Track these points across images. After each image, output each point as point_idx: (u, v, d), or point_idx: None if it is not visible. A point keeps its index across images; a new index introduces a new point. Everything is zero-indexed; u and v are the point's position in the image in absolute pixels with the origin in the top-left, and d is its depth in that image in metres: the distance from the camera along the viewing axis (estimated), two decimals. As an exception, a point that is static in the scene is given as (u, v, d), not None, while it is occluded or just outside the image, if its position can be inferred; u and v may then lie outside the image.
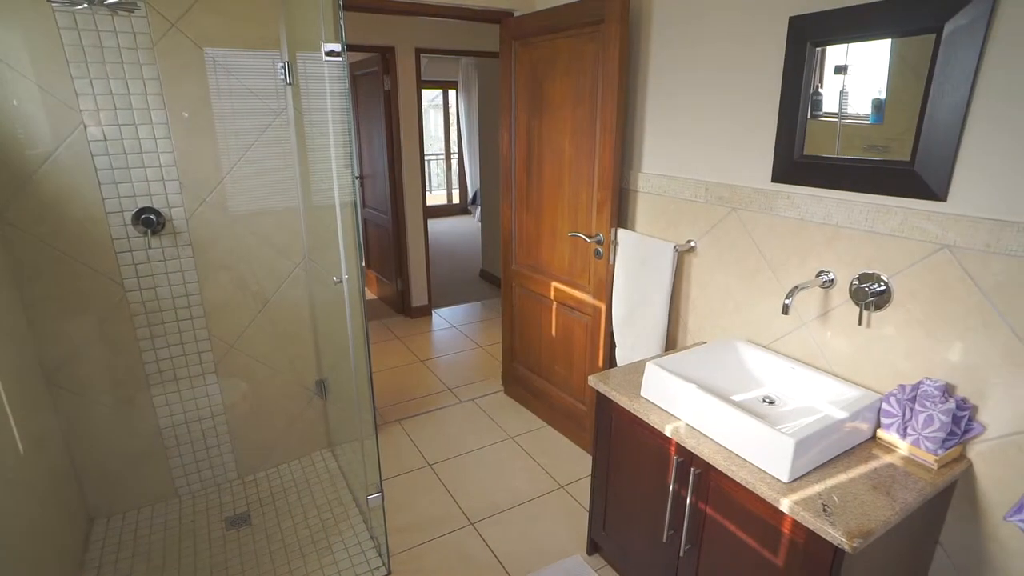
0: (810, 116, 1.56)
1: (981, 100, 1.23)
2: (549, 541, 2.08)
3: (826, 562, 1.17)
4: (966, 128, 1.26)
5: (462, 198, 9.16)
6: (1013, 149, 1.19)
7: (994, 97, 1.21)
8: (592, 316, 2.40)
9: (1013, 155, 1.19)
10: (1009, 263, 1.22)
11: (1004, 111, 1.19)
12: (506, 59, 2.62)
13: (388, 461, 2.57)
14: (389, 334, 4.11)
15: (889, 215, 1.42)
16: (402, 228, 4.21)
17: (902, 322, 1.44)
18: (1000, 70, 1.19)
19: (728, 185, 1.83)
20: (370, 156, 4.43)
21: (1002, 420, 1.29)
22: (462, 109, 8.12)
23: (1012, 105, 1.18)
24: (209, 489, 2.32)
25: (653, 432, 1.58)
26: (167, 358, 2.12)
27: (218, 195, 2.08)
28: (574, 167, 2.35)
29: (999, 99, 1.20)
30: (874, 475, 1.30)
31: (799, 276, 1.67)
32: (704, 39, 1.84)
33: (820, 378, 1.57)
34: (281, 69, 2.06)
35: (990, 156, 1.23)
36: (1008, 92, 1.18)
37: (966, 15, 1.21)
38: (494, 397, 3.16)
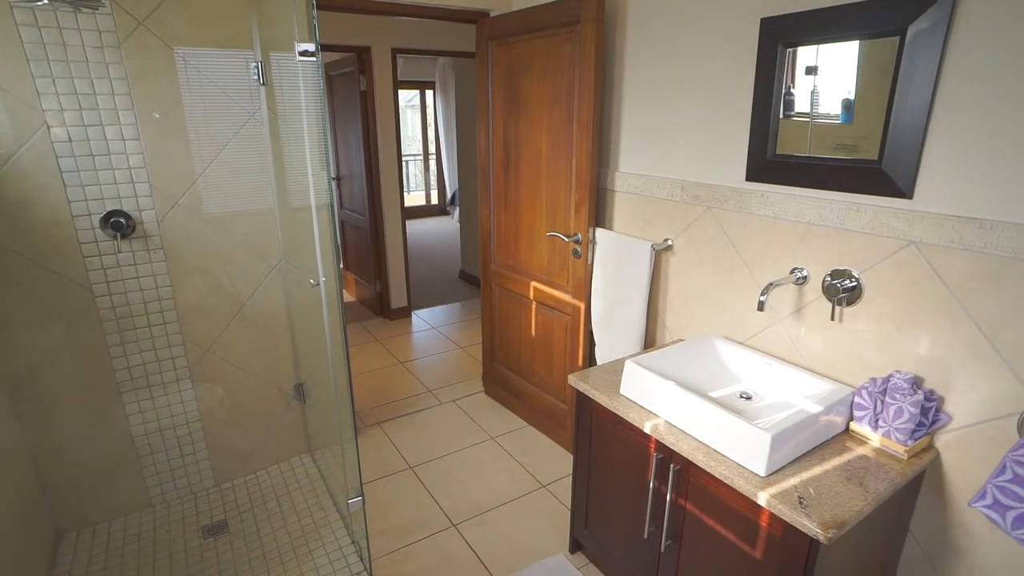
0: (783, 116, 1.59)
1: (943, 101, 1.26)
2: (532, 541, 2.09)
3: (802, 553, 1.19)
4: (930, 128, 1.29)
5: (440, 199, 9.13)
6: (973, 148, 1.23)
7: (955, 98, 1.24)
8: (571, 315, 2.41)
9: (973, 154, 1.23)
10: (972, 259, 1.26)
11: (964, 112, 1.23)
12: (483, 59, 2.62)
13: (369, 464, 2.55)
14: (368, 336, 4.07)
15: (859, 213, 1.45)
16: (380, 229, 4.17)
17: (873, 317, 1.48)
18: (960, 72, 1.23)
19: (704, 184, 1.86)
20: (347, 157, 4.38)
21: (966, 410, 1.33)
22: (440, 109, 8.10)
23: (971, 106, 1.22)
24: (185, 498, 2.27)
25: (633, 430, 1.60)
26: (139, 364, 2.07)
27: (191, 197, 2.04)
28: (552, 167, 2.35)
29: (959, 100, 1.24)
30: (848, 467, 1.33)
31: (774, 273, 1.70)
32: (679, 40, 1.86)
33: (795, 373, 1.60)
34: (254, 69, 2.03)
35: (952, 155, 1.27)
36: (967, 94, 1.22)
37: (927, 19, 1.25)
38: (475, 398, 3.16)
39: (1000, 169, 1.20)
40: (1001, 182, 1.20)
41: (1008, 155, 1.18)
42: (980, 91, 1.20)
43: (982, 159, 1.22)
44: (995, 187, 1.21)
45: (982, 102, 1.20)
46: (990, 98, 1.19)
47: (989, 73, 1.19)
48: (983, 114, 1.21)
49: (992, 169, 1.21)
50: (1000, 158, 1.19)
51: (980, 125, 1.21)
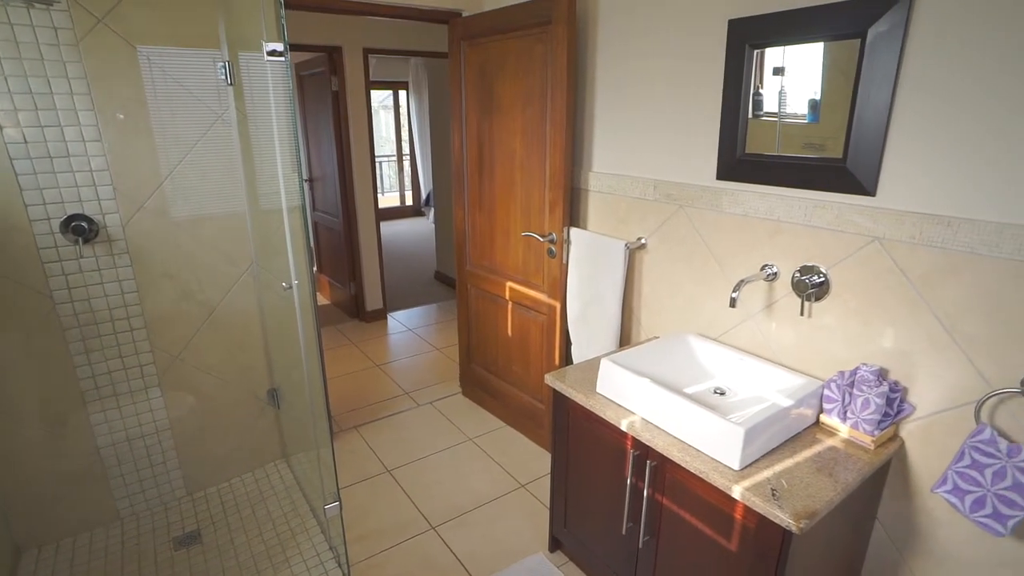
0: (752, 116, 1.62)
1: (902, 102, 1.31)
2: (511, 540, 2.09)
3: (776, 544, 1.22)
4: (890, 127, 1.33)
5: (415, 200, 9.07)
6: (931, 148, 1.27)
7: (912, 99, 1.29)
8: (547, 315, 2.42)
9: (931, 153, 1.27)
10: (932, 254, 1.30)
11: (921, 111, 1.27)
12: (455, 60, 2.61)
13: (346, 469, 2.52)
14: (343, 339, 4.02)
15: (825, 210, 1.49)
16: (354, 231, 4.13)
17: (840, 312, 1.52)
18: (917, 74, 1.27)
19: (676, 183, 1.88)
20: (319, 158, 4.33)
21: (928, 400, 1.37)
22: (413, 110, 8.04)
23: (928, 106, 1.26)
24: (155, 509, 2.21)
25: (610, 427, 1.61)
26: (104, 373, 2.01)
27: (157, 200, 1.99)
28: (526, 167, 2.36)
29: (917, 101, 1.28)
30: (818, 458, 1.36)
31: (745, 270, 1.73)
32: (650, 40, 1.88)
33: (767, 368, 1.64)
34: (221, 69, 1.99)
35: (912, 154, 1.31)
36: (924, 95, 1.26)
37: (885, 22, 1.29)
38: (452, 399, 3.14)
39: (956, 168, 1.24)
40: (958, 180, 1.24)
41: (964, 154, 1.22)
42: (936, 92, 1.25)
43: (940, 158, 1.27)
44: (952, 185, 1.25)
45: (938, 103, 1.25)
46: (945, 99, 1.23)
47: (944, 75, 1.23)
48: (939, 114, 1.25)
49: (949, 168, 1.25)
50: (956, 157, 1.24)
51: (937, 125, 1.26)
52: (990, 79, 1.17)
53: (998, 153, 1.18)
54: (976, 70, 1.18)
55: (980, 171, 1.21)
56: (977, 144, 1.20)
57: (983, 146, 1.20)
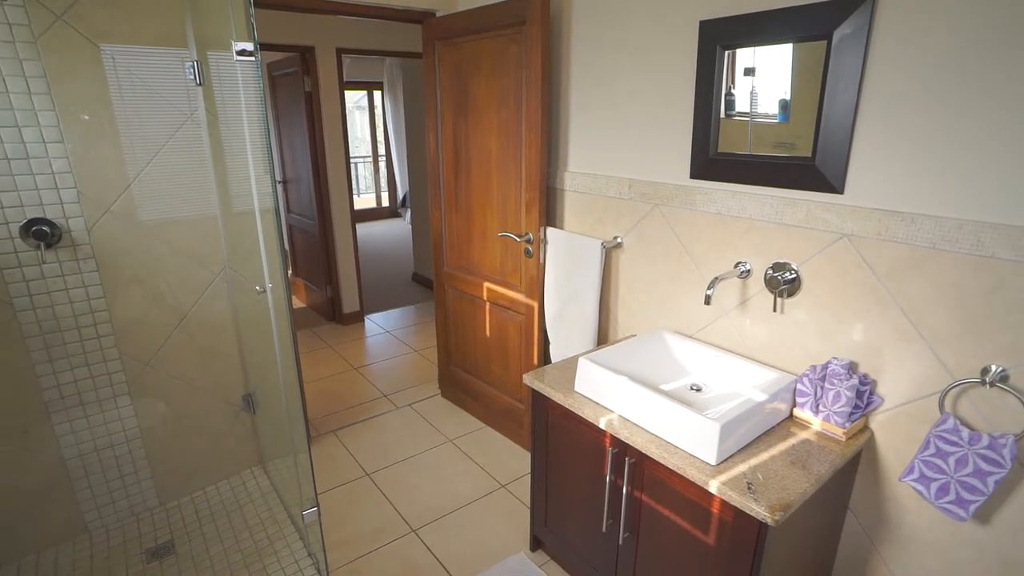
0: (724, 115, 1.64)
1: (867, 101, 1.34)
2: (493, 541, 2.09)
3: (752, 536, 1.24)
4: (856, 127, 1.37)
5: (391, 201, 9.00)
6: (893, 146, 1.31)
7: (877, 98, 1.32)
8: (525, 315, 2.43)
9: (894, 152, 1.31)
10: (897, 250, 1.34)
11: (884, 112, 1.31)
12: (429, 60, 2.60)
13: (324, 474, 2.49)
14: (320, 343, 3.97)
15: (796, 208, 1.52)
16: (329, 233, 4.08)
17: (811, 307, 1.55)
18: (881, 74, 1.30)
19: (650, 182, 1.90)
20: (292, 160, 4.26)
21: (896, 392, 1.41)
22: (388, 110, 7.98)
23: (890, 107, 1.30)
24: (126, 521, 2.16)
25: (588, 425, 1.62)
26: (71, 382, 1.95)
27: (125, 203, 1.93)
28: (502, 168, 2.36)
29: (881, 100, 1.31)
30: (792, 451, 1.39)
31: (719, 267, 1.76)
32: (623, 41, 1.90)
33: (742, 363, 1.66)
34: (190, 68, 1.95)
35: (877, 152, 1.34)
36: (888, 94, 1.30)
37: (850, 24, 1.32)
38: (431, 401, 3.13)
39: (917, 166, 1.28)
40: (919, 178, 1.28)
41: (925, 152, 1.26)
42: (897, 94, 1.28)
43: (902, 157, 1.30)
44: (914, 183, 1.29)
45: (900, 104, 1.28)
46: (906, 100, 1.27)
47: (904, 77, 1.26)
48: (901, 115, 1.28)
49: (911, 166, 1.29)
50: (917, 156, 1.27)
51: (899, 125, 1.29)
52: (945, 83, 1.20)
53: (954, 153, 1.22)
54: (933, 73, 1.22)
55: (939, 170, 1.25)
56: (935, 144, 1.24)
57: (941, 146, 1.23)
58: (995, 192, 1.18)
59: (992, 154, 1.17)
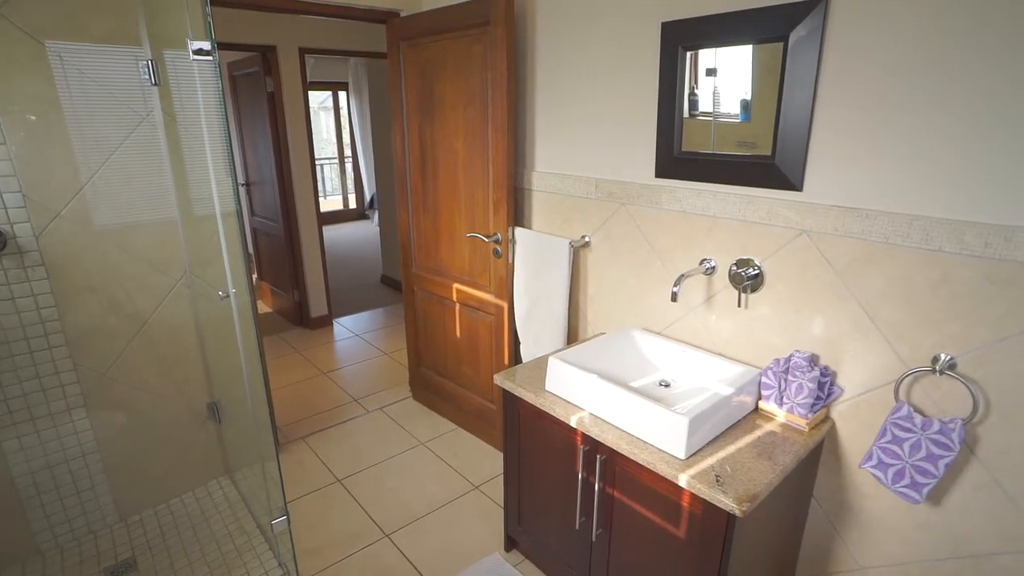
0: (688, 115, 1.67)
1: (822, 102, 1.38)
2: (467, 543, 2.08)
3: (721, 528, 1.27)
4: (813, 126, 1.41)
5: (359, 203, 8.88)
6: (849, 144, 1.35)
7: (831, 99, 1.36)
8: (495, 315, 2.43)
9: (849, 150, 1.36)
10: (853, 245, 1.39)
11: (838, 112, 1.36)
12: (394, 60, 2.57)
13: (294, 481, 2.44)
14: (288, 348, 3.89)
15: (758, 205, 1.56)
16: (295, 236, 4.00)
17: (774, 302, 1.59)
18: (834, 76, 1.35)
19: (617, 181, 1.93)
20: (256, 162, 4.17)
21: (855, 382, 1.46)
22: (354, 111, 7.87)
23: (844, 106, 1.34)
24: (83, 539, 2.07)
25: (559, 424, 1.63)
26: (19, 396, 1.86)
27: (77, 208, 1.86)
28: (469, 168, 2.35)
29: (835, 101, 1.36)
30: (758, 443, 1.43)
31: (685, 265, 1.79)
32: (588, 41, 1.91)
33: (709, 359, 1.70)
34: (144, 68, 1.88)
35: (833, 151, 1.39)
36: (841, 95, 1.34)
37: (805, 27, 1.36)
38: (402, 404, 3.10)
39: (871, 164, 1.33)
40: (873, 176, 1.33)
41: (877, 151, 1.31)
42: (850, 94, 1.33)
43: (856, 155, 1.35)
44: (869, 180, 1.34)
45: (853, 104, 1.33)
46: (858, 101, 1.32)
47: (857, 77, 1.31)
48: (854, 115, 1.33)
49: (865, 164, 1.34)
50: (871, 154, 1.32)
51: (852, 124, 1.34)
52: (893, 85, 1.25)
53: (903, 151, 1.27)
54: (882, 75, 1.27)
55: (890, 167, 1.30)
56: (886, 143, 1.29)
57: (891, 145, 1.28)
58: (941, 189, 1.23)
59: (937, 152, 1.22)
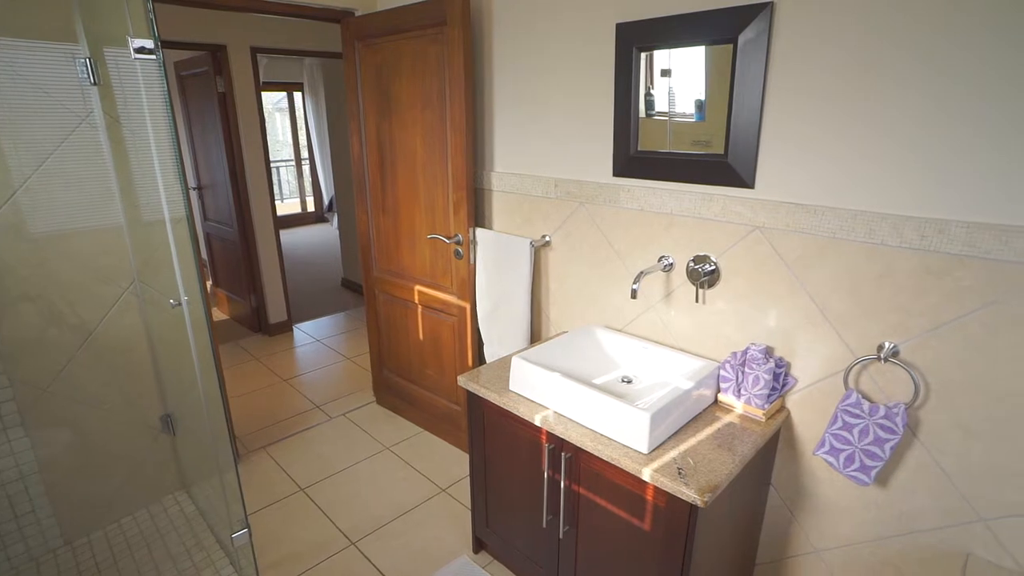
0: (645, 115, 1.70)
1: (771, 101, 1.43)
2: (435, 546, 2.06)
3: (684, 519, 1.29)
4: (763, 125, 1.46)
5: (318, 205, 8.70)
6: (797, 142, 1.40)
7: (779, 99, 1.41)
8: (458, 316, 2.41)
9: (796, 148, 1.40)
10: (803, 240, 1.44)
11: (786, 111, 1.40)
12: (350, 60, 2.53)
13: (255, 492, 2.37)
14: (246, 355, 3.78)
15: (712, 202, 1.60)
16: (251, 241, 3.89)
17: (730, 296, 1.64)
18: (781, 77, 1.39)
19: (575, 181, 1.94)
20: (208, 165, 4.03)
21: (807, 372, 1.52)
22: (310, 112, 7.71)
23: (792, 106, 1.39)
24: (23, 566, 1.95)
25: (524, 423, 1.63)
26: (-47, 414, 1.75)
27: (10, 214, 1.76)
28: (428, 169, 2.34)
29: (783, 100, 1.40)
30: (718, 434, 1.46)
31: (644, 262, 1.82)
32: (545, 42, 1.93)
33: (669, 354, 1.73)
34: (82, 66, 1.79)
35: (781, 149, 1.44)
36: (788, 95, 1.39)
37: (752, 30, 1.40)
38: (366, 409, 3.05)
39: (818, 161, 1.38)
40: (819, 173, 1.38)
41: (823, 149, 1.36)
42: (798, 93, 1.38)
43: (803, 153, 1.40)
44: (816, 177, 1.39)
45: (800, 103, 1.38)
46: (806, 100, 1.37)
47: (803, 78, 1.36)
48: (801, 113, 1.38)
49: (811, 162, 1.39)
50: (817, 151, 1.37)
51: (800, 123, 1.39)
52: (837, 85, 1.30)
53: (846, 149, 1.32)
54: (826, 76, 1.32)
55: (835, 165, 1.35)
56: (831, 141, 1.34)
57: (836, 143, 1.34)
58: (881, 185, 1.29)
59: (877, 150, 1.28)
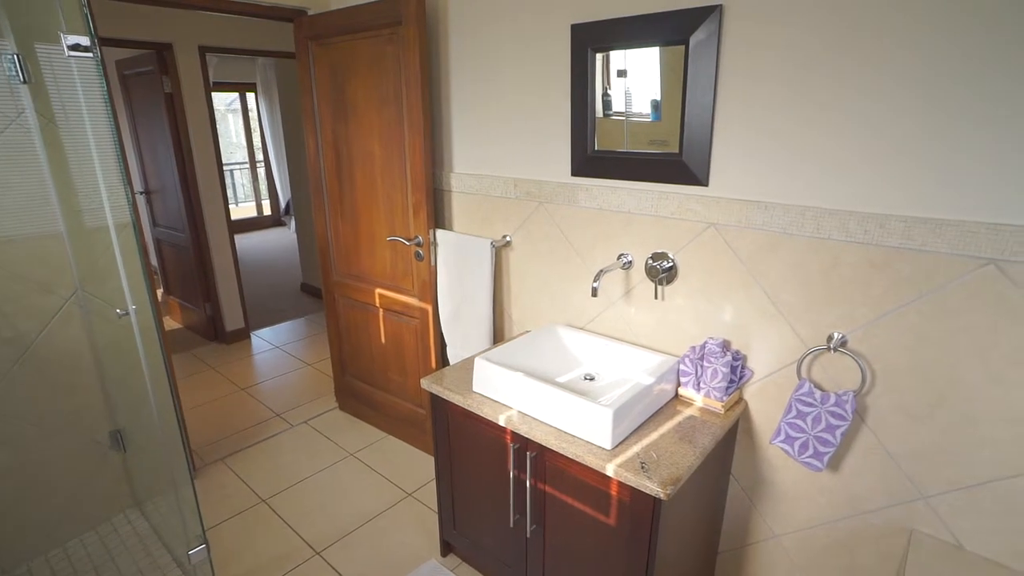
0: (602, 114, 1.71)
1: (722, 101, 1.46)
2: (402, 552, 2.04)
3: (648, 512, 1.31)
4: (715, 124, 1.49)
5: (274, 209, 8.49)
6: (748, 141, 1.44)
7: (730, 99, 1.45)
8: (420, 319, 2.39)
9: (749, 146, 1.44)
10: (756, 236, 1.48)
11: (737, 110, 1.44)
12: (303, 60, 2.48)
13: (213, 506, 2.29)
14: (201, 365, 3.66)
15: (669, 200, 1.63)
16: (204, 246, 3.76)
17: (688, 292, 1.67)
18: (732, 77, 1.43)
19: (534, 180, 1.95)
20: (156, 168, 3.88)
21: (763, 364, 1.56)
22: (264, 113, 7.51)
23: (742, 105, 1.43)
24: (-35, 592, 1.85)
25: (489, 424, 1.63)
26: None
27: (-64, 223, 1.65)
28: (386, 171, 2.31)
29: (733, 100, 1.44)
30: (679, 428, 1.49)
31: (603, 260, 1.84)
32: (501, 42, 1.92)
33: (630, 350, 1.75)
34: (9, 63, 1.69)
35: (733, 148, 1.47)
36: (739, 95, 1.43)
37: (703, 31, 1.43)
38: (329, 415, 2.99)
39: (769, 159, 1.42)
40: (771, 170, 1.42)
41: (773, 147, 1.40)
42: (748, 94, 1.42)
43: (755, 151, 1.44)
44: (767, 174, 1.43)
45: (750, 103, 1.42)
46: (755, 100, 1.41)
47: (752, 79, 1.40)
48: (751, 112, 1.42)
49: (763, 159, 1.43)
50: (768, 150, 1.42)
51: (750, 122, 1.43)
52: (784, 85, 1.35)
53: (795, 147, 1.36)
54: (774, 77, 1.36)
55: (785, 162, 1.39)
56: (780, 139, 1.39)
57: (785, 141, 1.38)
58: (827, 182, 1.34)
59: (821, 148, 1.33)
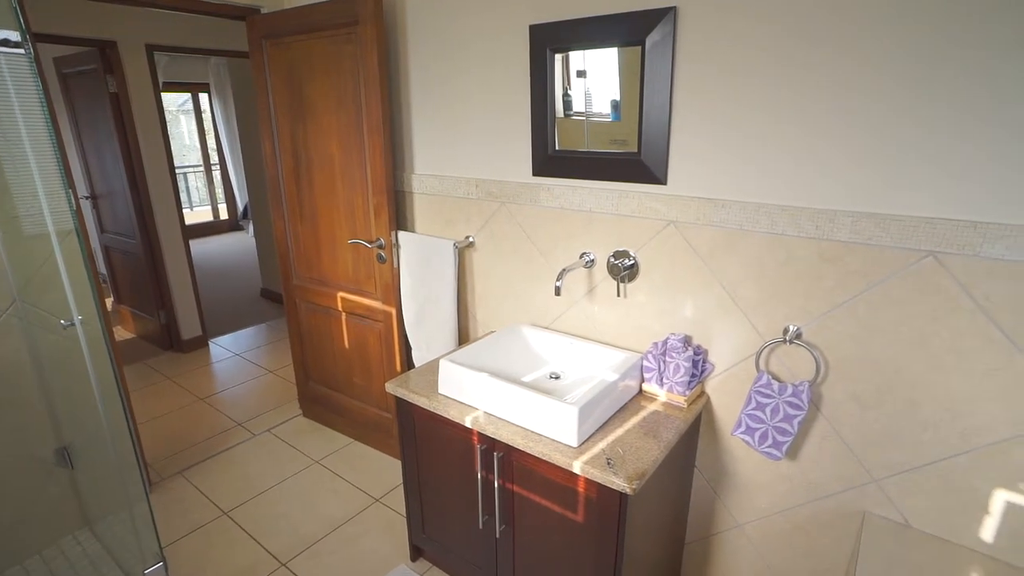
0: (563, 115, 1.72)
1: (678, 101, 1.49)
2: (371, 559, 2.01)
3: (615, 507, 1.33)
4: (672, 124, 1.52)
5: (231, 213, 8.25)
6: (703, 140, 1.47)
7: (686, 99, 1.48)
8: (384, 322, 2.36)
9: (705, 145, 1.48)
10: (714, 232, 1.51)
11: (692, 111, 1.47)
12: (258, 60, 2.41)
13: (171, 521, 2.21)
14: (156, 375, 3.52)
15: (629, 199, 1.65)
16: (157, 253, 3.63)
17: (649, 289, 1.69)
18: (687, 77, 1.46)
19: (496, 181, 1.95)
20: (102, 172, 3.72)
21: (723, 357, 1.60)
22: (218, 114, 7.29)
23: (697, 105, 1.46)
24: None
25: (455, 426, 1.62)
26: None
27: None
28: (346, 173, 2.27)
29: (689, 101, 1.47)
30: (644, 423, 1.51)
31: (566, 259, 1.85)
32: (461, 42, 1.91)
33: (594, 348, 1.77)
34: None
35: (690, 147, 1.50)
36: (694, 95, 1.46)
37: (658, 33, 1.45)
38: (292, 423, 2.93)
39: (724, 158, 1.45)
40: (724, 169, 1.46)
41: (728, 146, 1.44)
42: (702, 93, 1.44)
43: (711, 150, 1.47)
44: (723, 172, 1.47)
45: (705, 103, 1.45)
46: (709, 99, 1.44)
47: (706, 79, 1.43)
48: (706, 112, 1.45)
49: (719, 158, 1.46)
50: (723, 149, 1.45)
51: (704, 122, 1.46)
52: (736, 87, 1.38)
53: (749, 146, 1.40)
54: (727, 78, 1.39)
55: (740, 161, 1.43)
56: (735, 138, 1.42)
57: (739, 140, 1.41)
58: (779, 180, 1.38)
59: (774, 146, 1.36)
